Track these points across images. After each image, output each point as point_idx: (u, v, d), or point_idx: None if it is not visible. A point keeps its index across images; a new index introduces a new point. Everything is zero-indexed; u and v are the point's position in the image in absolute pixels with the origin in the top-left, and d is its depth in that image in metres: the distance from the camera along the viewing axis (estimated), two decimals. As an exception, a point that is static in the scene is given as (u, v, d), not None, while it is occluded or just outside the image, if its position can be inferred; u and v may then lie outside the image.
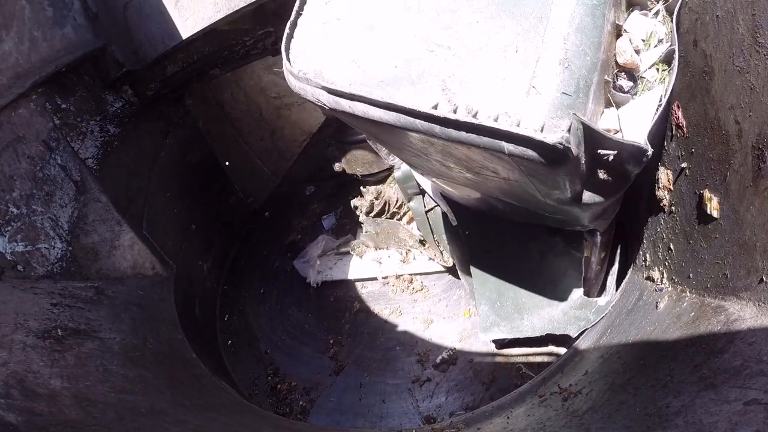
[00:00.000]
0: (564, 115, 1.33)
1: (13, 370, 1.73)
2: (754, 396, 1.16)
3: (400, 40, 1.53)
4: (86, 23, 2.90)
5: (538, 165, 1.36)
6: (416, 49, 1.50)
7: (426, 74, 1.46)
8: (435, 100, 1.43)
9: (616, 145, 1.39)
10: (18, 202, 2.38)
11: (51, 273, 2.41)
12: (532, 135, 1.28)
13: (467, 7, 1.50)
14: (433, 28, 1.51)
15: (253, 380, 3.24)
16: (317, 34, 1.66)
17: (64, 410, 1.68)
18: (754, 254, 1.45)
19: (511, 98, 1.37)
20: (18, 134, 2.46)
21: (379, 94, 1.47)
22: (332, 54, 1.60)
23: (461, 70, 1.44)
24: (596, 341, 2.31)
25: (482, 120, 1.33)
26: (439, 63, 1.47)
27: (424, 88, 1.45)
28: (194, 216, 3.66)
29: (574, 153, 1.33)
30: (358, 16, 1.62)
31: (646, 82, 1.63)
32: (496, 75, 1.41)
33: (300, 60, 1.66)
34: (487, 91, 1.40)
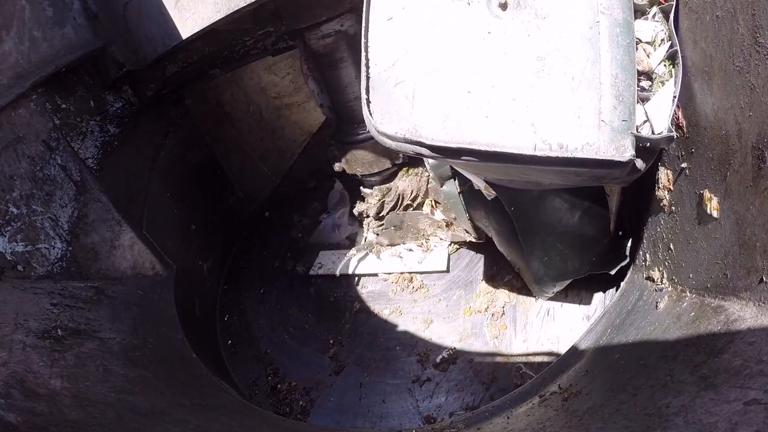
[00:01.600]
0: (626, 136, 1.74)
1: (13, 370, 1.72)
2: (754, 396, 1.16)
3: (482, 93, 1.83)
4: (86, 23, 2.90)
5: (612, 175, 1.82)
6: (499, 98, 1.82)
7: (517, 120, 1.79)
8: (532, 141, 1.77)
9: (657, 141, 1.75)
10: (18, 202, 2.38)
11: (51, 273, 2.40)
12: (611, 157, 1.72)
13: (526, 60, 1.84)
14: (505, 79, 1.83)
15: (253, 380, 3.24)
16: (397, 96, 1.88)
17: (64, 410, 1.68)
18: (754, 254, 1.45)
19: (588, 131, 1.76)
20: (18, 134, 2.46)
21: (480, 144, 1.79)
22: (419, 113, 1.85)
23: (542, 113, 1.79)
24: (596, 341, 2.31)
25: (572, 152, 1.72)
26: (522, 109, 1.80)
27: (519, 132, 1.78)
28: (194, 216, 3.66)
29: (640, 166, 1.75)
30: (429, 75, 1.87)
31: (658, 77, 1.91)
32: (572, 113, 1.77)
33: (386, 122, 1.87)
34: (568, 127, 1.76)
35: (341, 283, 3.65)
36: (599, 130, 1.76)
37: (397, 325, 3.28)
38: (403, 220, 3.63)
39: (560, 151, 1.74)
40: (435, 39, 1.88)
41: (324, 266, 3.79)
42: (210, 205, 3.89)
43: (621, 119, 1.75)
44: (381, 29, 1.93)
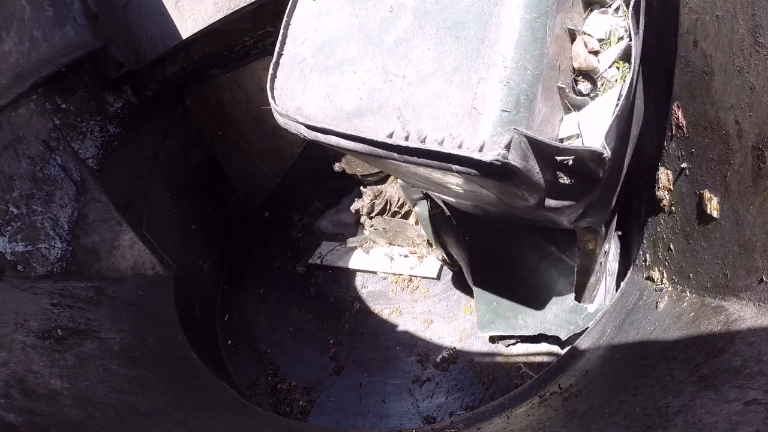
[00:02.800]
0: (505, 131, 1.37)
1: (13, 370, 1.72)
2: (754, 396, 1.16)
3: (364, 74, 1.63)
4: (86, 23, 2.90)
5: (488, 181, 1.44)
6: (377, 80, 1.60)
7: (385, 104, 1.56)
8: (391, 128, 1.52)
9: (570, 152, 1.39)
10: (18, 202, 2.38)
11: (51, 273, 2.41)
12: (470, 155, 1.35)
13: (420, 36, 1.58)
14: (391, 59, 1.60)
15: (253, 380, 3.24)
16: (296, 73, 1.78)
17: (64, 410, 1.67)
18: (754, 254, 1.45)
19: (455, 121, 1.44)
20: (18, 134, 2.46)
21: (346, 126, 1.58)
22: (309, 91, 1.72)
23: (414, 97, 1.52)
24: (596, 341, 2.31)
25: (429, 145, 1.42)
26: (396, 92, 1.55)
27: (383, 118, 1.55)
28: (194, 216, 3.66)
29: (519, 166, 1.38)
30: (328, 54, 1.74)
31: (607, 82, 1.61)
32: (443, 99, 1.48)
33: (283, 98, 1.78)
34: (435, 115, 1.47)
35: (341, 283, 3.65)
36: (469, 120, 1.43)
37: (397, 325, 3.28)
38: (391, 225, 3.63)
39: (416, 142, 1.46)
40: (340, 20, 1.76)
41: (324, 256, 3.81)
42: (210, 205, 3.89)
43: (500, 108, 1.41)
44: (304, 7, 1.87)
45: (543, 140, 1.35)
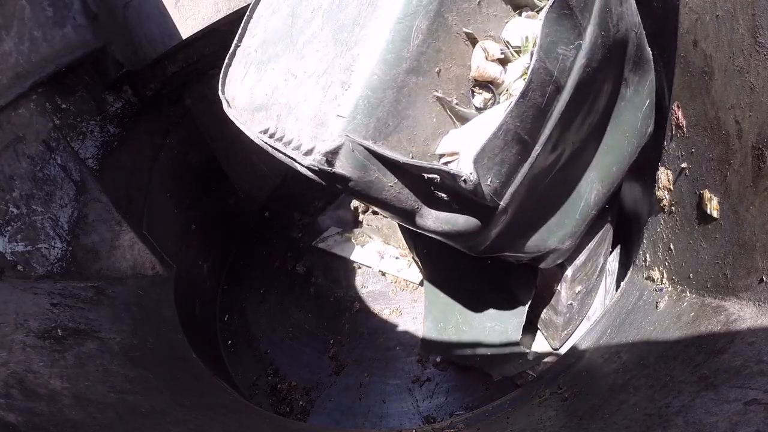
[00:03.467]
0: (338, 137, 1.29)
1: (13, 370, 1.72)
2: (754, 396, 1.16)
3: (276, 71, 1.64)
4: (86, 23, 2.89)
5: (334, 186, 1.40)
6: (280, 78, 1.59)
7: (276, 102, 1.55)
8: (268, 125, 1.52)
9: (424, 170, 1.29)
10: (18, 202, 2.38)
11: (51, 273, 2.40)
12: (300, 159, 1.33)
13: (318, 38, 1.55)
14: (294, 59, 1.59)
15: (253, 380, 3.24)
16: (242, 65, 1.82)
17: (64, 410, 1.67)
18: (754, 254, 1.45)
19: (307, 123, 1.40)
20: (18, 134, 2.46)
21: (245, 118, 1.62)
22: (244, 83, 1.75)
23: (293, 97, 1.49)
24: (596, 341, 2.31)
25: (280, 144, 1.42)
26: (286, 91, 1.54)
27: (269, 114, 1.55)
28: (194, 216, 3.66)
29: (348, 174, 1.31)
30: (265, 50, 1.75)
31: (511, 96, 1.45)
32: (307, 101, 1.43)
33: (229, 87, 1.82)
34: (298, 116, 1.44)
35: (341, 283, 3.65)
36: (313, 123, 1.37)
37: (397, 325, 3.27)
38: (383, 224, 3.63)
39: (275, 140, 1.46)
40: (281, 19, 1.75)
41: (326, 240, 3.87)
42: (210, 205, 3.89)
43: (337, 114, 1.30)
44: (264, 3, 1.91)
45: (381, 152, 1.26)
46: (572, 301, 2.56)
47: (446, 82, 1.37)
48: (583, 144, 1.86)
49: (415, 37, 1.27)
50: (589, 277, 2.59)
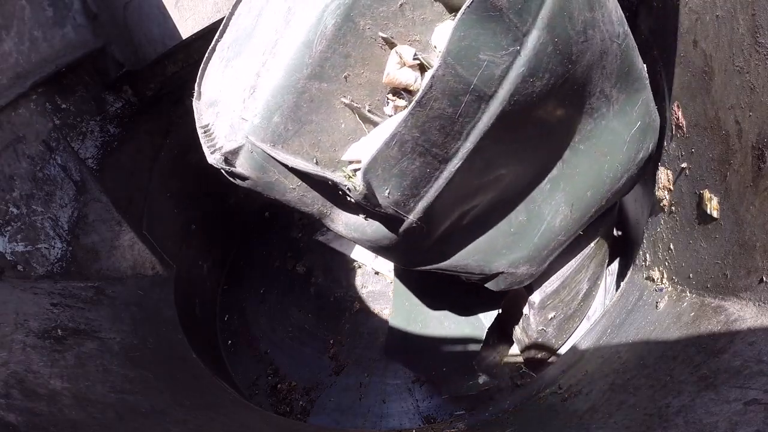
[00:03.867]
0: (239, 139, 1.31)
1: (13, 370, 1.72)
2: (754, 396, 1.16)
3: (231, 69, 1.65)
4: (86, 23, 2.89)
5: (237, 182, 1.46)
6: (230, 76, 1.60)
7: (219, 99, 1.57)
8: (209, 120, 1.56)
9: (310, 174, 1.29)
10: (18, 202, 2.38)
11: (51, 273, 2.40)
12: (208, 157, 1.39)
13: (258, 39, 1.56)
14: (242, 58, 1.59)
15: (253, 380, 3.24)
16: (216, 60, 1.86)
17: (64, 410, 1.67)
18: (754, 254, 1.45)
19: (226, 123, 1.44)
20: (18, 134, 2.46)
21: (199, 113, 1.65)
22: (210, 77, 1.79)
23: (229, 96, 1.51)
24: (596, 341, 2.31)
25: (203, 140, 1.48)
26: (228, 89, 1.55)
27: (212, 110, 1.59)
28: (194, 216, 3.66)
29: (247, 174, 1.34)
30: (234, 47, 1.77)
31: None
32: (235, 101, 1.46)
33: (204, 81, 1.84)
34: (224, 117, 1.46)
35: (341, 283, 3.65)
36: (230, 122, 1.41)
37: (397, 325, 3.27)
38: None
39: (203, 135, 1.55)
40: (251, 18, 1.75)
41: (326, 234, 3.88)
42: (210, 205, 3.89)
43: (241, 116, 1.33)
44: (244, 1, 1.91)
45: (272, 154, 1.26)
46: (544, 327, 2.49)
47: (357, 89, 1.32)
48: (541, 163, 1.74)
49: (319, 43, 1.24)
50: (567, 303, 2.52)
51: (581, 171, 1.88)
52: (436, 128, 1.24)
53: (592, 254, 2.49)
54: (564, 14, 1.31)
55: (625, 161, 1.96)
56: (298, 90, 1.26)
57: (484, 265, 1.88)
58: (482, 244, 1.82)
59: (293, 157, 1.29)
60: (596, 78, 1.62)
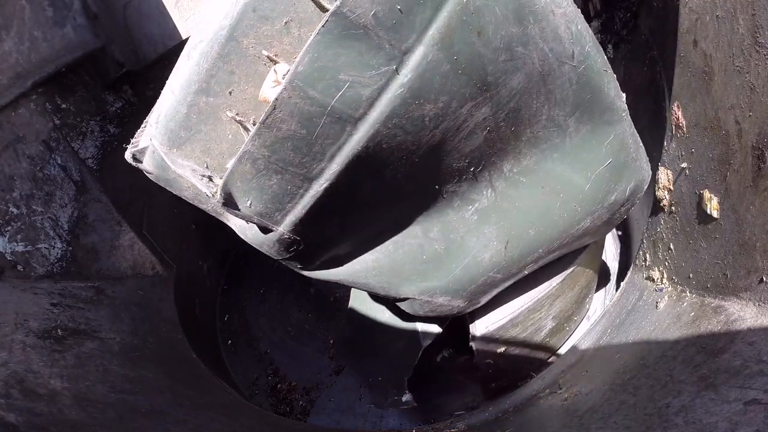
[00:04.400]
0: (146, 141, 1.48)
1: (13, 370, 1.72)
2: (754, 396, 1.16)
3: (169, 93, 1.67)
4: (86, 23, 2.89)
5: None
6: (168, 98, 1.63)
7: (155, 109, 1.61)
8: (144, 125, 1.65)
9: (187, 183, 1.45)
10: (18, 202, 2.38)
11: (51, 273, 2.40)
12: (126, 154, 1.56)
13: None
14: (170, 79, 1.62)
15: (253, 380, 3.24)
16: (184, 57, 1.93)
17: (64, 410, 1.67)
18: (754, 254, 1.45)
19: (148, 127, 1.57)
20: (18, 134, 2.46)
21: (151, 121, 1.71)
22: None
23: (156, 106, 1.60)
24: (596, 341, 2.31)
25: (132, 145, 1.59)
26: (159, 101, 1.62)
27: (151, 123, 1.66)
28: (194, 216, 3.65)
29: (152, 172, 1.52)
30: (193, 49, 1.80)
31: None
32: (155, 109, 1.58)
33: None
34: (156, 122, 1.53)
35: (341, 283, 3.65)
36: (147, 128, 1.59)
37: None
38: None
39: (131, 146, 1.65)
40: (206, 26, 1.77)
41: None
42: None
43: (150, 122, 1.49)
44: None
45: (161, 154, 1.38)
46: (491, 359, 2.36)
47: (242, 103, 1.35)
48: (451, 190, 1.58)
49: (205, 62, 1.29)
50: (523, 341, 2.39)
51: (522, 207, 1.71)
52: (289, 148, 1.23)
53: (557, 293, 2.28)
54: (469, 29, 1.20)
55: (587, 203, 1.76)
56: (188, 103, 1.33)
57: (388, 287, 1.81)
58: (384, 266, 1.71)
59: (182, 160, 1.37)
60: (537, 104, 1.47)
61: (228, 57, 1.27)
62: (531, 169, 1.65)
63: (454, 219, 1.67)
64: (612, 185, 1.77)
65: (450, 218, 1.67)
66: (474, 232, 1.70)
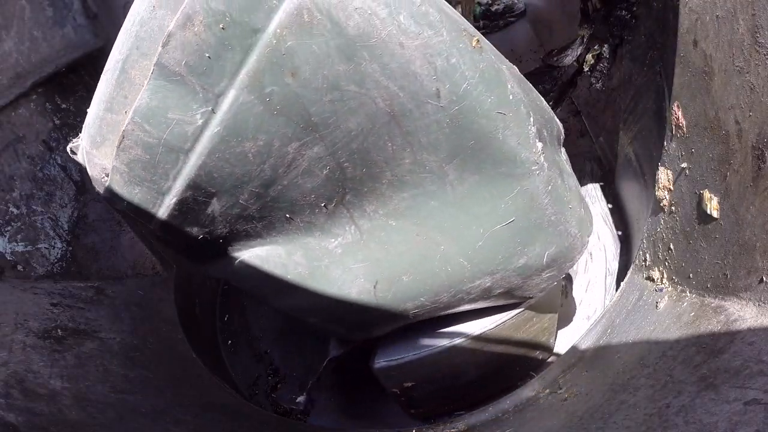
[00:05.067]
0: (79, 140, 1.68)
1: (13, 370, 1.72)
2: (754, 396, 1.16)
3: None
4: (86, 23, 2.89)
5: None
6: None
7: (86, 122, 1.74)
8: None
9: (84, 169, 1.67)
10: (18, 202, 2.38)
11: (51, 273, 2.40)
12: None
13: None
14: None
15: (253, 380, 3.24)
16: None
17: (64, 410, 1.67)
18: (754, 254, 1.45)
19: None
20: (18, 134, 2.46)
21: None
22: None
23: None
24: (596, 341, 2.31)
25: None
26: None
27: None
28: (194, 216, 3.66)
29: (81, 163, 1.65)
30: None
31: None
32: None
33: None
34: None
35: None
36: None
37: (397, 325, 3.27)
38: None
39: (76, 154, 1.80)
40: None
41: None
42: (210, 205, 3.88)
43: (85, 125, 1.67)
44: None
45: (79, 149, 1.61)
46: (397, 390, 2.28)
47: None
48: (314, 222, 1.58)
49: (107, 87, 1.52)
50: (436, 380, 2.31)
51: (392, 251, 1.63)
52: (140, 168, 1.42)
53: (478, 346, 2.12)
54: (281, 70, 1.22)
55: (480, 261, 1.63)
56: (100, 116, 1.55)
57: (262, 297, 1.89)
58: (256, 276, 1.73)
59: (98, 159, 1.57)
60: (394, 146, 1.38)
61: (122, 85, 1.48)
62: (402, 213, 1.55)
63: (316, 248, 1.66)
64: (518, 247, 1.62)
65: (312, 246, 1.66)
66: (339, 264, 1.67)
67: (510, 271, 1.69)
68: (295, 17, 1.16)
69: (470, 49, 1.30)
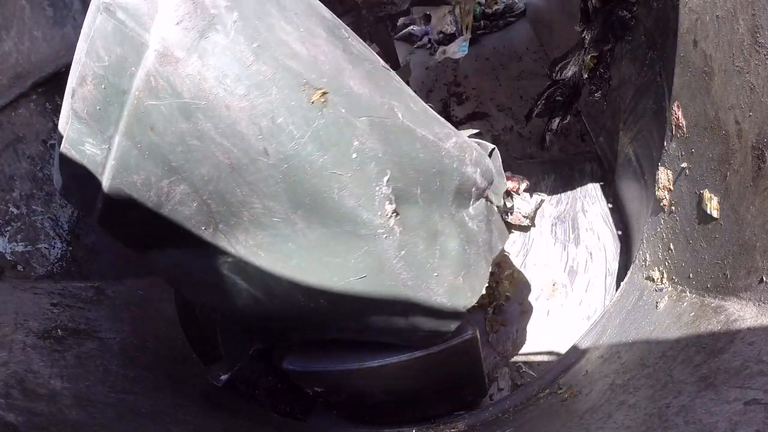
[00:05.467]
0: None
1: (13, 370, 1.72)
2: (754, 396, 1.16)
3: None
4: (86, 23, 2.89)
5: None
6: None
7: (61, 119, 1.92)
8: None
9: None
10: (18, 202, 2.38)
11: (51, 273, 2.40)
12: None
13: None
14: None
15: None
16: None
17: (64, 410, 1.67)
18: (754, 254, 1.45)
19: None
20: (18, 134, 2.46)
21: None
22: None
23: None
24: (596, 341, 2.31)
25: None
26: None
27: None
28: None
29: None
30: None
31: None
32: None
33: None
34: None
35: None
36: None
37: (397, 325, 3.26)
38: None
39: None
40: None
41: None
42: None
43: None
44: None
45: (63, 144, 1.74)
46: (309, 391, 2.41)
47: None
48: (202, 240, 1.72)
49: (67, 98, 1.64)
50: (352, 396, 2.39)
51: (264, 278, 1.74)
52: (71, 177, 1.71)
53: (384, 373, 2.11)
54: (143, 124, 1.43)
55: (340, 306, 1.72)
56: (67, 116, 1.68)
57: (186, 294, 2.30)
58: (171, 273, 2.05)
59: None
60: (242, 192, 1.49)
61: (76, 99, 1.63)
62: (266, 247, 1.64)
63: (212, 259, 1.78)
64: (377, 303, 1.66)
65: (210, 255, 1.78)
66: (229, 277, 1.81)
67: (374, 322, 1.74)
68: (146, 82, 1.36)
69: (305, 107, 1.35)
